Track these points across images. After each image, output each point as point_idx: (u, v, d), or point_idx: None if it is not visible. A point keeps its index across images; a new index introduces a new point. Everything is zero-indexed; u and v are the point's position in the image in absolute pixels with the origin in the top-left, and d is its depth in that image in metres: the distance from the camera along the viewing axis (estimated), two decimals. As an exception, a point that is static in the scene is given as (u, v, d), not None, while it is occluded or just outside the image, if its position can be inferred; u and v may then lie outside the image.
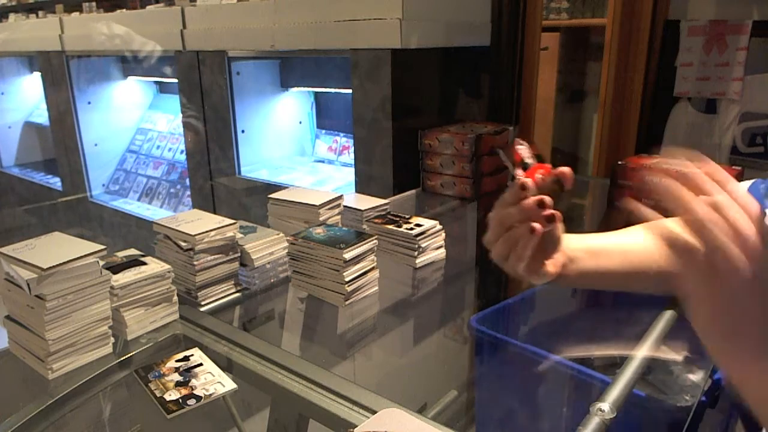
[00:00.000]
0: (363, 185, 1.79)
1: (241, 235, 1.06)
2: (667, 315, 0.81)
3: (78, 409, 0.76)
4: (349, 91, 1.75)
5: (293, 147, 2.50)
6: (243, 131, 2.23)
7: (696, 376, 0.82)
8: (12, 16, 3.34)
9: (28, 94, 3.70)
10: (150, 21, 2.37)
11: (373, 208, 1.25)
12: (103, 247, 0.81)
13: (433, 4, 1.66)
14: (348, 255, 0.97)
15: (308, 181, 2.21)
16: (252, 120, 2.27)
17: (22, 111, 3.71)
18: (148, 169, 3.06)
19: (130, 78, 3.07)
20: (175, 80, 2.38)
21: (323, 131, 2.51)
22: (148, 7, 2.51)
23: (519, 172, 0.67)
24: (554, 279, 0.70)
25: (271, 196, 1.22)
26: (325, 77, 2.22)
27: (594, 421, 0.57)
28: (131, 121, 3.20)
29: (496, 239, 0.67)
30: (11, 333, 0.83)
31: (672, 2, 1.72)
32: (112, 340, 0.84)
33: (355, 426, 0.63)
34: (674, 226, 0.70)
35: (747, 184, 0.68)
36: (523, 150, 0.68)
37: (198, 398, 0.74)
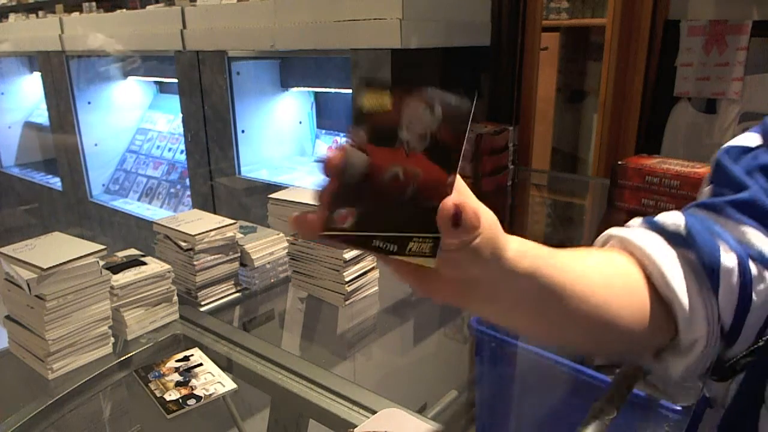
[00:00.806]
0: (363, 185, 1.78)
1: (241, 235, 1.06)
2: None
3: (78, 409, 0.76)
4: (350, 91, 1.75)
5: (293, 147, 2.50)
6: (243, 131, 2.23)
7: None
8: (12, 16, 3.34)
9: (28, 94, 3.70)
10: (150, 21, 2.37)
11: (373, 208, 1.25)
12: (103, 247, 0.81)
13: (433, 4, 1.66)
14: (348, 255, 0.97)
15: (308, 181, 2.21)
16: (252, 120, 2.26)
17: (22, 111, 3.71)
18: (148, 169, 3.06)
19: (130, 78, 3.07)
20: (175, 80, 2.38)
21: (323, 131, 2.51)
22: (148, 7, 2.51)
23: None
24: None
25: (271, 196, 1.22)
26: (325, 77, 2.22)
27: (594, 421, 0.57)
28: (131, 121, 3.20)
29: None
30: (11, 333, 0.83)
31: (672, 2, 1.71)
32: (112, 340, 0.84)
33: (355, 426, 0.63)
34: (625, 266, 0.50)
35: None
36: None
37: (198, 398, 0.74)
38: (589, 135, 2.68)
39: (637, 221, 0.55)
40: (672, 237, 0.50)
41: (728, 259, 0.47)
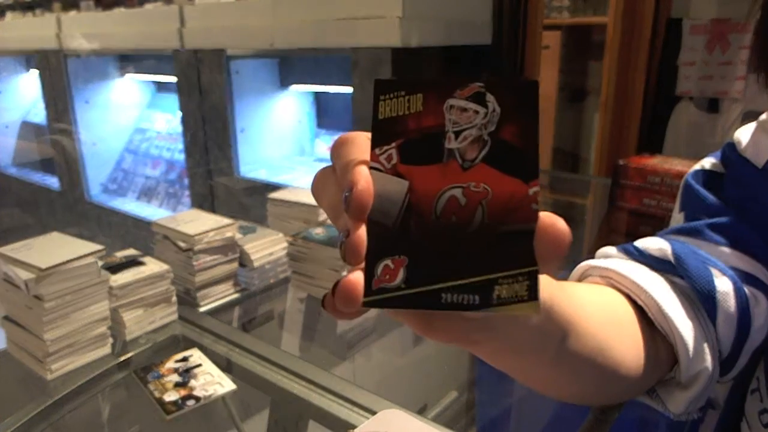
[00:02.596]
0: (363, 185, 1.78)
1: (241, 236, 1.05)
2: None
3: (77, 410, 0.76)
4: (350, 90, 1.74)
5: (293, 146, 2.50)
6: (242, 130, 2.23)
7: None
8: (9, 15, 3.33)
9: (26, 93, 3.69)
10: (148, 19, 2.36)
11: (373, 207, 1.25)
12: (101, 247, 0.81)
13: (433, 2, 1.66)
14: (348, 255, 0.97)
15: (308, 180, 2.20)
16: (251, 119, 2.26)
17: (19, 110, 3.70)
18: (146, 168, 3.06)
19: (128, 76, 3.06)
20: (173, 79, 2.37)
21: (323, 130, 2.50)
22: (146, 5, 2.50)
23: None
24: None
25: (270, 196, 1.21)
26: (324, 76, 2.21)
27: (595, 422, 0.56)
28: (129, 120, 3.19)
29: None
30: (9, 334, 0.83)
31: (674, 1, 1.71)
32: (111, 340, 0.83)
33: (355, 426, 0.63)
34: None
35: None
36: None
37: (197, 399, 0.73)
38: (591, 134, 2.68)
39: (611, 250, 0.52)
40: (659, 264, 0.47)
41: (722, 284, 0.45)
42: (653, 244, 0.49)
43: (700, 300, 0.45)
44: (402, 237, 0.25)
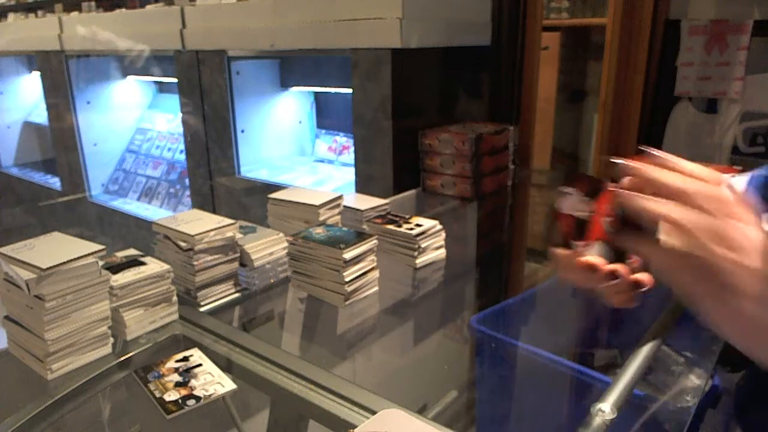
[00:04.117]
0: (363, 185, 1.78)
1: (241, 235, 1.06)
2: (669, 315, 0.80)
3: (77, 410, 0.76)
4: (349, 90, 1.75)
5: (293, 147, 2.50)
6: (243, 131, 2.23)
7: (697, 377, 0.81)
8: (11, 16, 3.34)
9: (27, 94, 3.69)
10: (149, 20, 2.37)
11: (373, 208, 1.25)
12: (102, 247, 0.81)
13: (433, 3, 1.66)
14: (348, 255, 0.97)
15: (308, 180, 2.21)
16: (252, 120, 2.26)
17: (21, 111, 3.70)
18: (147, 168, 3.06)
19: (130, 77, 3.06)
20: (174, 80, 2.37)
21: (323, 131, 2.51)
22: (147, 7, 2.50)
23: (579, 243, 0.45)
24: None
25: (270, 196, 1.22)
26: (325, 77, 2.22)
27: (595, 422, 0.56)
28: (130, 120, 3.19)
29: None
30: (10, 333, 0.83)
31: (673, 2, 1.71)
32: (112, 340, 0.83)
33: (355, 426, 0.63)
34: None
35: (745, 177, 0.61)
36: (573, 201, 0.40)
37: (197, 399, 0.73)
38: (590, 135, 2.68)
39: None
40: None
41: None
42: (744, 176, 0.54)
43: None
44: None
